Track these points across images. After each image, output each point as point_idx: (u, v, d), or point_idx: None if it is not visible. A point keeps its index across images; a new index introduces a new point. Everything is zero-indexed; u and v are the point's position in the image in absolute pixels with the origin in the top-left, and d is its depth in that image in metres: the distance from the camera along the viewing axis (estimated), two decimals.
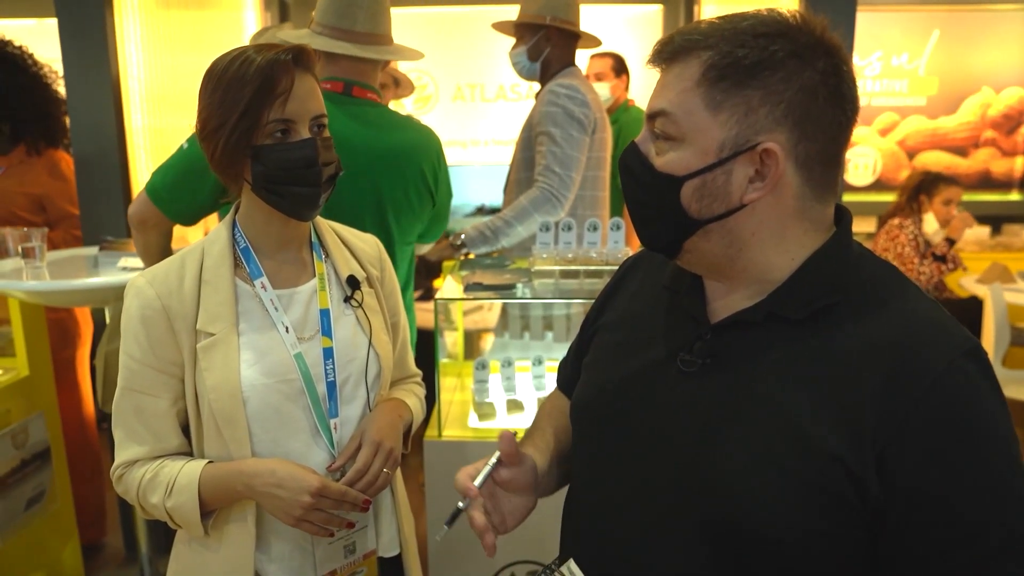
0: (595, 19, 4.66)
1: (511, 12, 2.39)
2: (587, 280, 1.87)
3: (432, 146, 1.75)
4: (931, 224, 3.67)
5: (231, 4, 3.31)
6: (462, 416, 2.00)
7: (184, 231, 2.40)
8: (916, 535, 0.71)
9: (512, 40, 2.40)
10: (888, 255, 3.71)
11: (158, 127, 2.61)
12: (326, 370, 1.11)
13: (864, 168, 4.96)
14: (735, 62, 0.73)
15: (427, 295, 3.26)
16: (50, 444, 2.22)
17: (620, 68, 3.50)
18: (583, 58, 3.42)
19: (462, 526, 0.90)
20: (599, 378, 0.93)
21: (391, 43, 1.72)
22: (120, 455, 1.08)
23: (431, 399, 1.56)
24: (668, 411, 0.82)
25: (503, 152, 4.96)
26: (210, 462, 1.06)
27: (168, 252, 1.68)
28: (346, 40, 1.63)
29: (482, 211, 4.57)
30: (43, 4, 2.41)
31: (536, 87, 2.42)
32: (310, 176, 1.05)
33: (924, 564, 0.71)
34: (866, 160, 4.95)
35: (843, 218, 0.82)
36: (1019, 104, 4.88)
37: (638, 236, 0.86)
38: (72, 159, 2.51)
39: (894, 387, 0.71)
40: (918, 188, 3.75)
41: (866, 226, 4.87)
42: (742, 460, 0.75)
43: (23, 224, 2.36)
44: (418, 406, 1.29)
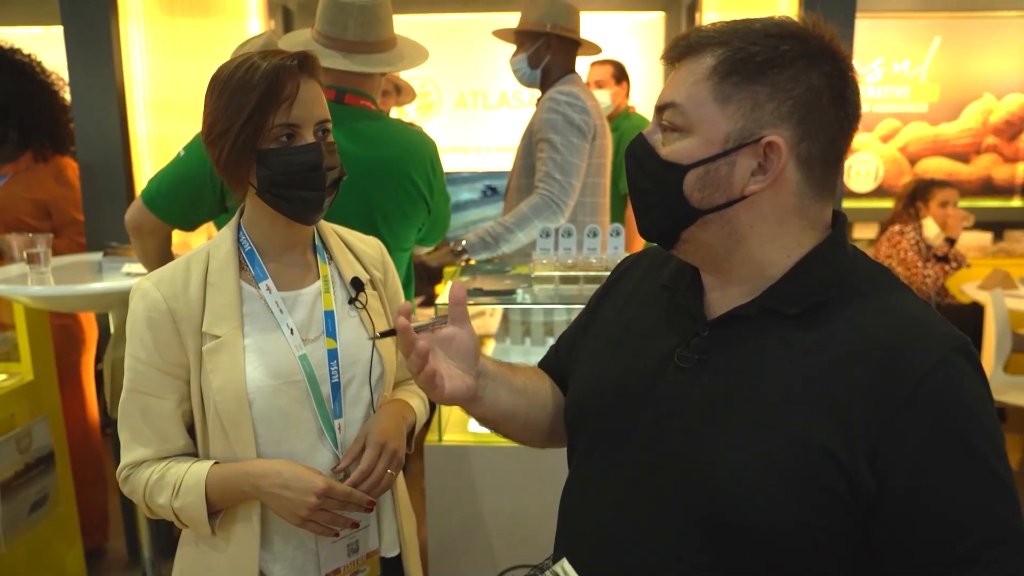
0: (597, 26, 4.68)
1: (513, 19, 2.41)
2: (587, 286, 1.88)
3: (425, 153, 1.73)
4: (931, 228, 3.69)
5: (235, 12, 3.34)
6: (462, 421, 2.01)
7: (186, 237, 2.42)
8: (908, 528, 0.72)
9: (513, 47, 2.42)
10: (891, 261, 3.71)
11: (162, 134, 2.64)
12: (330, 371, 1.12)
13: (866, 174, 4.97)
14: (747, 58, 0.76)
15: (429, 301, 3.28)
16: (54, 448, 2.24)
17: (620, 75, 3.52)
18: (583, 65, 3.44)
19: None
20: (596, 374, 0.95)
21: (390, 47, 1.70)
22: (126, 456, 1.09)
23: (432, 404, 1.57)
24: (665, 406, 0.84)
25: (506, 159, 4.99)
26: (216, 463, 1.07)
27: (168, 257, 1.70)
28: (336, 48, 1.63)
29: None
30: (50, 12, 2.44)
31: (538, 94, 2.44)
32: (314, 180, 1.06)
33: (916, 556, 0.73)
34: (868, 166, 4.96)
35: (839, 220, 0.84)
36: (1020, 111, 4.89)
37: (637, 225, 0.87)
38: (77, 166, 2.53)
39: (884, 383, 0.72)
40: (913, 195, 3.77)
41: (868, 232, 4.88)
42: (736, 454, 0.76)
43: (29, 230, 2.38)
44: (421, 407, 1.30)
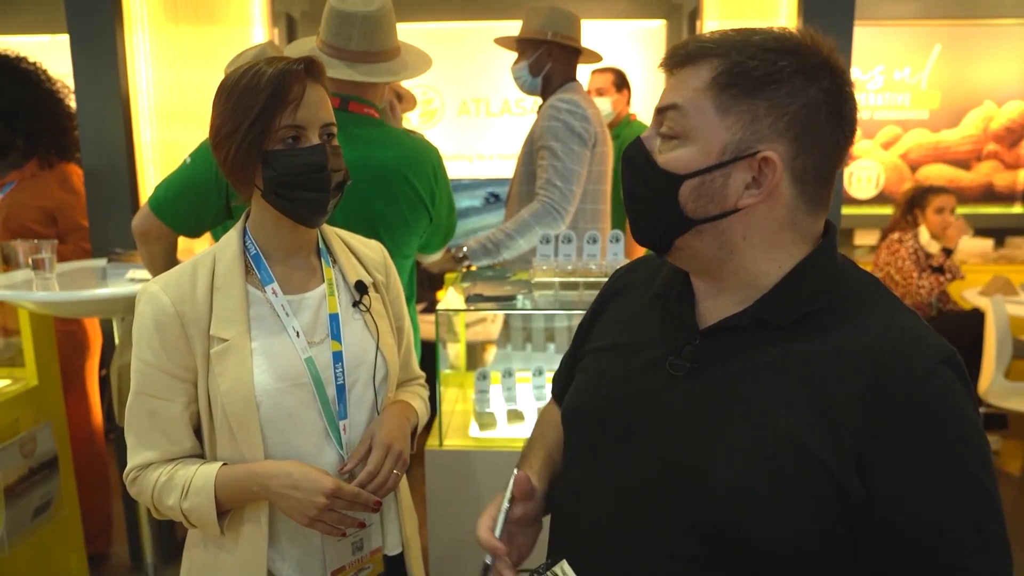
0: (599, 34, 4.71)
1: (515, 28, 2.43)
2: (586, 292, 1.90)
3: (426, 160, 1.74)
4: (924, 235, 3.71)
5: (239, 19, 3.36)
6: (463, 426, 2.02)
7: (190, 243, 2.44)
8: (894, 535, 0.73)
9: (514, 55, 2.44)
10: (889, 269, 3.72)
11: (166, 141, 2.66)
12: (336, 373, 1.14)
13: (867, 181, 4.98)
14: (745, 72, 0.76)
15: (430, 307, 3.29)
16: (58, 453, 2.25)
17: (621, 83, 3.54)
18: (584, 73, 3.46)
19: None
20: (591, 381, 0.96)
21: (394, 56, 1.72)
22: (133, 458, 1.10)
23: (432, 409, 1.58)
24: (658, 413, 0.84)
25: (508, 166, 5.01)
26: (225, 464, 1.09)
27: (174, 263, 1.71)
28: (340, 58, 1.65)
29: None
30: (56, 21, 2.46)
31: (539, 102, 2.45)
32: (319, 181, 1.08)
33: (901, 562, 0.74)
34: (869, 173, 4.97)
35: (829, 230, 0.85)
36: (1021, 117, 4.89)
37: (632, 230, 0.88)
38: (82, 172, 2.56)
39: (873, 393, 0.73)
40: (911, 202, 3.79)
41: (869, 239, 4.89)
42: (729, 460, 0.77)
43: (34, 236, 2.40)
44: (423, 407, 1.32)
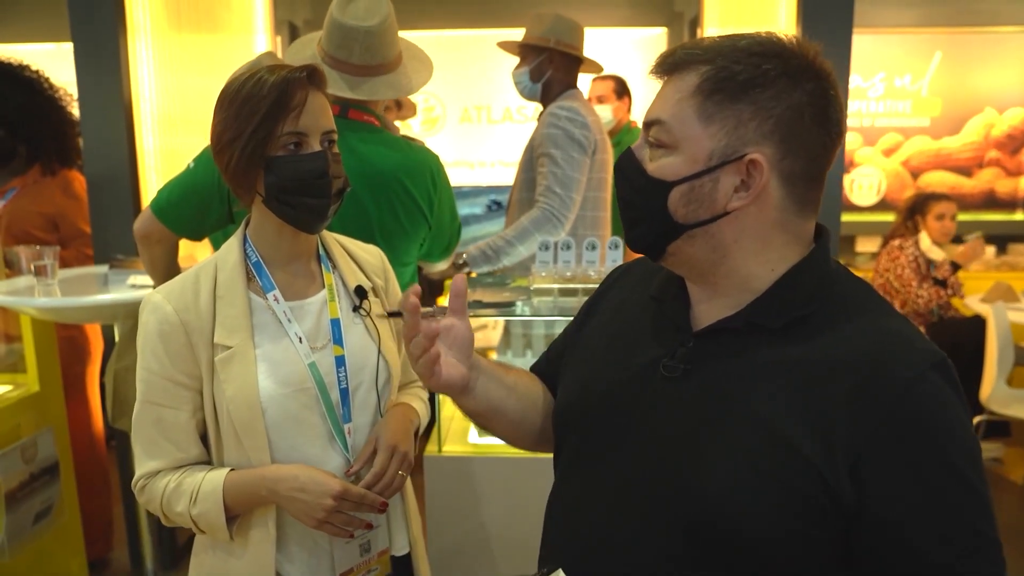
0: (600, 41, 4.73)
1: (516, 35, 2.44)
2: (585, 298, 1.89)
3: (425, 168, 1.74)
4: (925, 241, 3.72)
5: (241, 28, 3.39)
6: (462, 432, 2.03)
7: (192, 249, 2.45)
8: (885, 538, 0.73)
9: (516, 60, 2.45)
10: (888, 275, 3.72)
11: (168, 148, 2.67)
12: (339, 377, 1.15)
13: (868, 188, 4.98)
14: (730, 77, 0.77)
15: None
16: (59, 459, 2.26)
17: (622, 90, 3.55)
18: (585, 80, 3.47)
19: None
20: (583, 381, 0.96)
21: (396, 67, 1.74)
22: (141, 467, 1.11)
23: (431, 415, 1.59)
24: (650, 415, 0.85)
25: (509, 173, 5.02)
26: (232, 470, 1.10)
27: (174, 266, 1.73)
28: (341, 71, 1.66)
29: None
30: (62, 29, 2.48)
31: (540, 109, 2.46)
32: (320, 187, 1.09)
33: (892, 566, 0.74)
34: (870, 180, 4.97)
35: (822, 235, 0.86)
36: (1022, 124, 4.89)
37: (626, 238, 0.89)
38: (85, 179, 2.57)
39: (864, 398, 0.74)
40: (912, 209, 3.79)
41: (871, 246, 4.88)
42: (721, 463, 0.77)
43: (37, 242, 2.41)
44: (424, 409, 1.33)
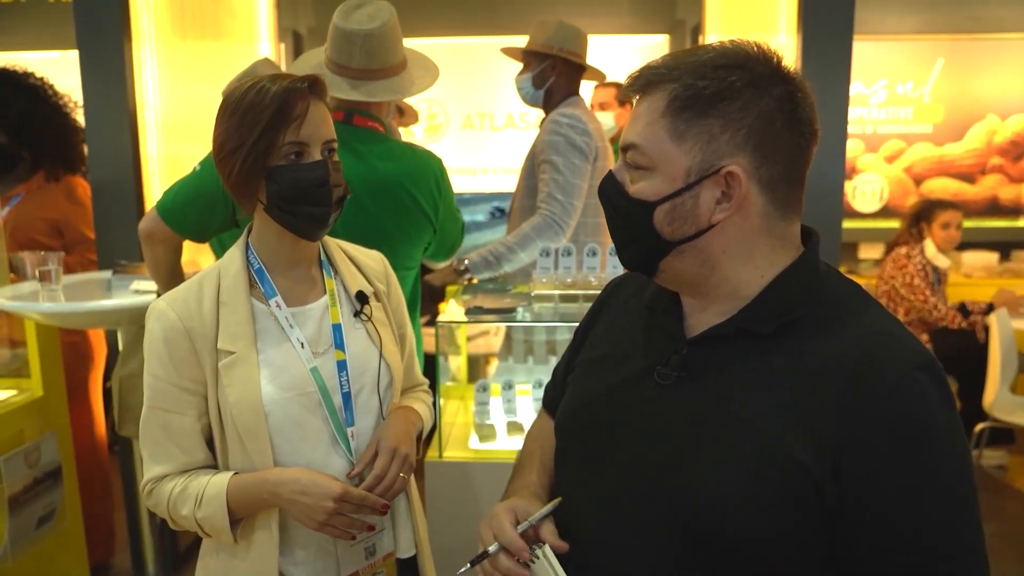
0: (603, 49, 4.74)
1: (519, 43, 2.45)
2: (586, 304, 1.91)
3: (429, 172, 1.75)
4: (930, 248, 3.71)
5: (245, 35, 3.41)
6: (463, 438, 2.03)
7: (195, 254, 2.46)
8: (862, 538, 0.74)
9: (519, 66, 2.46)
10: (894, 283, 3.72)
11: (172, 154, 2.69)
12: (341, 382, 1.16)
13: (871, 195, 4.98)
14: (696, 93, 0.78)
15: (433, 320, 3.29)
16: (62, 464, 2.26)
17: (624, 97, 3.57)
18: (588, 87, 3.48)
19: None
20: (582, 391, 0.97)
21: (399, 72, 1.74)
22: (149, 471, 1.13)
23: (435, 415, 1.59)
24: (646, 421, 0.86)
25: (512, 180, 5.03)
26: (236, 473, 1.11)
27: (177, 267, 1.74)
28: (343, 75, 1.68)
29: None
30: (67, 37, 2.50)
31: (543, 116, 2.47)
32: (321, 196, 1.10)
33: (869, 566, 0.75)
34: (873, 187, 4.97)
35: (811, 238, 0.86)
36: None
37: (619, 258, 0.90)
38: (89, 185, 2.59)
39: (851, 398, 0.74)
40: (918, 215, 3.79)
41: (873, 252, 4.88)
42: (713, 466, 0.78)
43: (41, 248, 2.43)
44: (427, 413, 1.34)
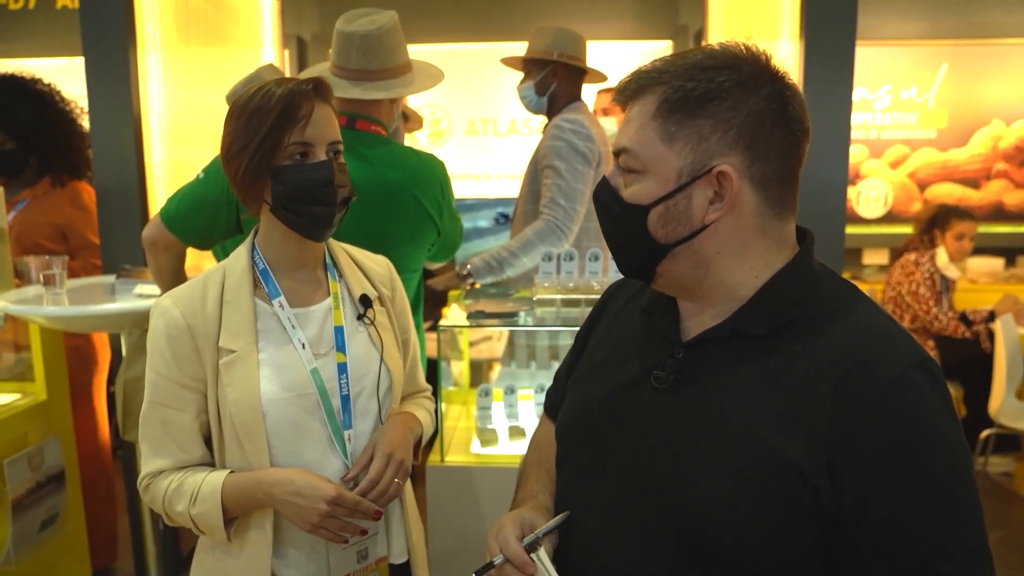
0: (605, 55, 4.75)
1: (521, 49, 2.46)
2: (588, 309, 1.89)
3: (433, 176, 1.76)
4: (942, 258, 3.67)
5: (249, 41, 3.43)
6: (465, 442, 2.03)
7: (199, 259, 2.47)
8: (861, 539, 0.74)
9: (520, 75, 2.47)
10: (901, 289, 3.69)
11: (176, 160, 2.70)
12: (340, 384, 1.16)
13: (875, 200, 4.97)
14: (685, 95, 0.78)
15: (436, 325, 3.29)
16: (65, 468, 2.27)
17: (616, 103, 3.57)
18: (591, 93, 3.49)
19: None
20: (582, 396, 0.98)
21: (400, 74, 1.74)
22: (147, 466, 1.14)
23: (434, 425, 1.59)
24: (642, 425, 0.86)
25: (516, 185, 5.04)
26: (232, 472, 1.11)
27: (181, 274, 1.75)
28: (342, 77, 1.69)
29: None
30: (75, 44, 2.52)
31: (546, 121, 2.48)
32: (326, 195, 1.11)
33: (869, 567, 0.74)
34: (877, 192, 4.96)
35: (805, 238, 0.86)
36: None
37: (615, 264, 0.90)
38: (94, 190, 2.60)
39: (845, 398, 0.74)
40: (931, 222, 3.73)
41: (878, 258, 4.87)
42: (709, 470, 0.78)
43: (46, 252, 2.44)
44: (428, 419, 1.34)
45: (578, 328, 1.12)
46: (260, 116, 1.07)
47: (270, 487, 1.08)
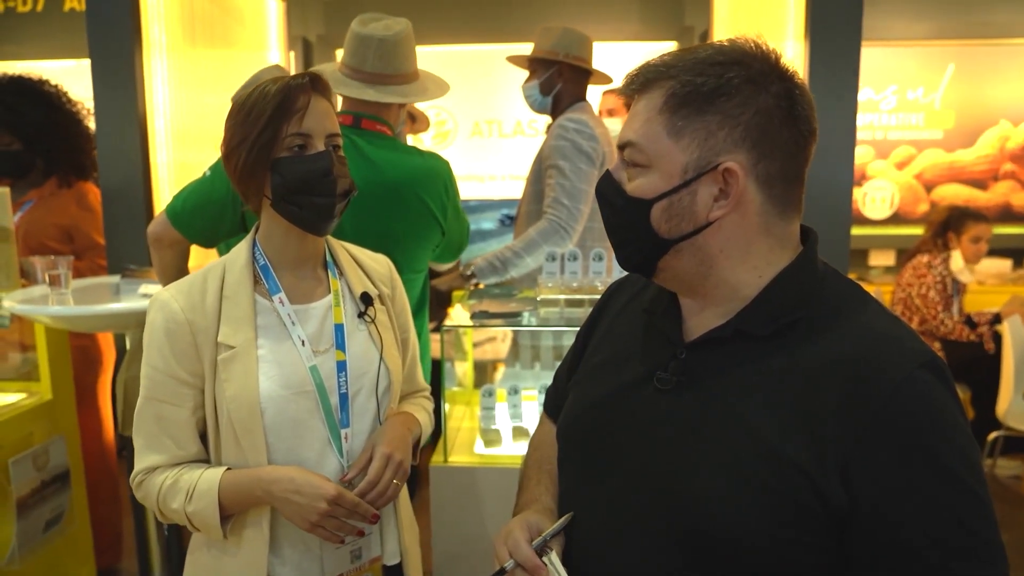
0: (611, 56, 4.74)
1: (526, 50, 2.46)
2: (591, 309, 1.90)
3: (438, 175, 1.76)
4: (957, 262, 3.61)
5: (254, 44, 3.44)
6: (469, 443, 2.03)
7: (203, 259, 2.47)
8: (878, 541, 0.73)
9: (526, 73, 2.47)
10: (911, 291, 3.65)
11: (181, 161, 2.71)
12: (339, 382, 1.16)
13: (881, 201, 4.95)
14: (694, 90, 0.78)
15: (440, 326, 3.29)
16: (70, 467, 2.28)
17: (623, 96, 3.56)
18: (596, 93, 3.48)
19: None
20: (583, 396, 0.97)
21: (411, 80, 1.76)
22: (140, 462, 1.13)
23: (437, 426, 1.59)
24: (645, 427, 0.85)
25: (520, 187, 5.04)
26: (229, 469, 1.11)
27: (184, 271, 1.76)
28: (356, 79, 1.70)
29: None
30: (82, 46, 2.53)
31: (551, 122, 2.48)
32: (326, 186, 1.11)
33: (886, 568, 0.73)
34: (883, 194, 4.94)
35: (809, 237, 0.86)
36: None
37: (617, 259, 0.89)
38: (100, 191, 2.61)
39: (853, 400, 0.73)
40: (946, 223, 3.66)
41: (884, 259, 4.84)
42: (712, 472, 0.77)
43: (52, 253, 2.44)
44: (427, 420, 1.33)
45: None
46: (258, 110, 1.08)
47: (269, 484, 1.07)
